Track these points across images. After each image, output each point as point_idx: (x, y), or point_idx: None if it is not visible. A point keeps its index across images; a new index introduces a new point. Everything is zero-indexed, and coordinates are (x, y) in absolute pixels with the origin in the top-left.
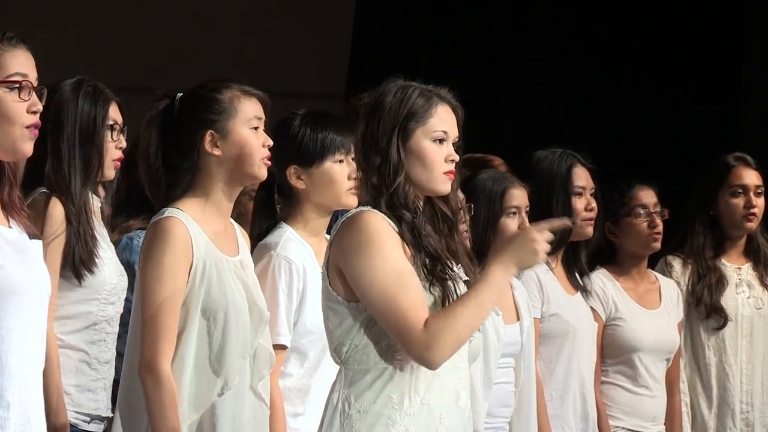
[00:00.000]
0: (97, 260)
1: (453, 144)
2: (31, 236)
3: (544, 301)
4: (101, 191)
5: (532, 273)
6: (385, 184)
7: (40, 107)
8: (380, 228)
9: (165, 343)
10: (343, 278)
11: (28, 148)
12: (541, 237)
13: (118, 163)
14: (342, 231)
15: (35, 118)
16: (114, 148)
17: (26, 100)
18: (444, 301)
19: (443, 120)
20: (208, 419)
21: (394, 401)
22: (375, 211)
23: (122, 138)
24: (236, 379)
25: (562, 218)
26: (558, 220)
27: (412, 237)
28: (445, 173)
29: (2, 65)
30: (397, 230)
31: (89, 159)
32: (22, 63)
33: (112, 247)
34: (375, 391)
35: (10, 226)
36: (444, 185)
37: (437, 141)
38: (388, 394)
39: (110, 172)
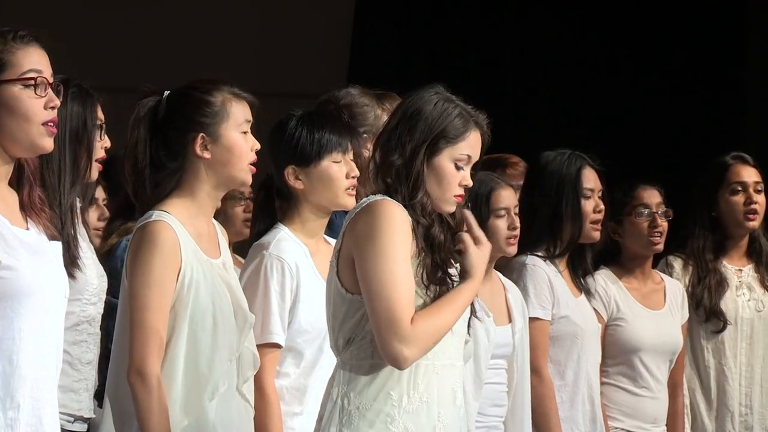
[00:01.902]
0: (79, 263)
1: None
2: (51, 237)
3: (554, 304)
4: (100, 192)
5: (543, 275)
6: (402, 188)
7: (57, 103)
8: (397, 217)
9: (154, 348)
10: (350, 268)
11: (47, 144)
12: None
13: (100, 164)
14: (357, 218)
15: (53, 114)
16: (99, 148)
17: (42, 97)
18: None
19: (471, 145)
20: (198, 423)
21: (393, 399)
22: (391, 200)
23: (106, 137)
24: (226, 383)
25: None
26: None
27: (424, 242)
28: (456, 196)
29: (16, 63)
30: (411, 223)
31: (78, 160)
32: (36, 60)
33: (92, 246)
34: (375, 388)
35: (27, 228)
36: (450, 207)
37: (458, 164)
38: (388, 392)
39: (95, 173)
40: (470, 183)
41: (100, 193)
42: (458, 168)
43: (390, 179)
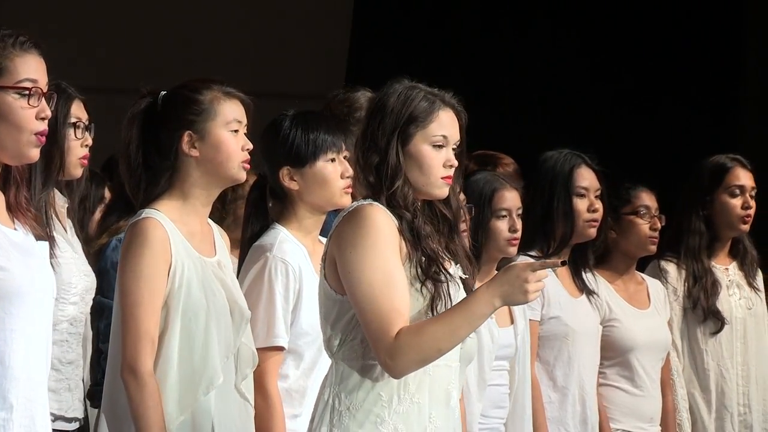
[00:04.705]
0: (53, 263)
1: (454, 149)
2: (38, 238)
3: (544, 304)
4: (107, 192)
5: None
6: (384, 185)
7: (48, 113)
8: (380, 223)
9: (146, 345)
10: (337, 271)
11: (34, 154)
12: (535, 277)
13: (85, 161)
14: (342, 224)
15: (44, 125)
16: (79, 146)
17: (35, 107)
18: (434, 302)
19: (444, 125)
20: (194, 419)
21: (383, 399)
22: (377, 204)
23: (87, 135)
24: (221, 379)
25: (555, 260)
26: (551, 260)
27: (411, 236)
28: (443, 178)
29: (12, 70)
30: (397, 225)
31: (50, 158)
32: (33, 68)
33: (77, 246)
34: (365, 388)
35: (15, 228)
36: (440, 190)
37: (436, 146)
38: (378, 392)
39: (76, 171)
40: (455, 162)
41: (106, 193)
42: (438, 149)
43: (372, 178)
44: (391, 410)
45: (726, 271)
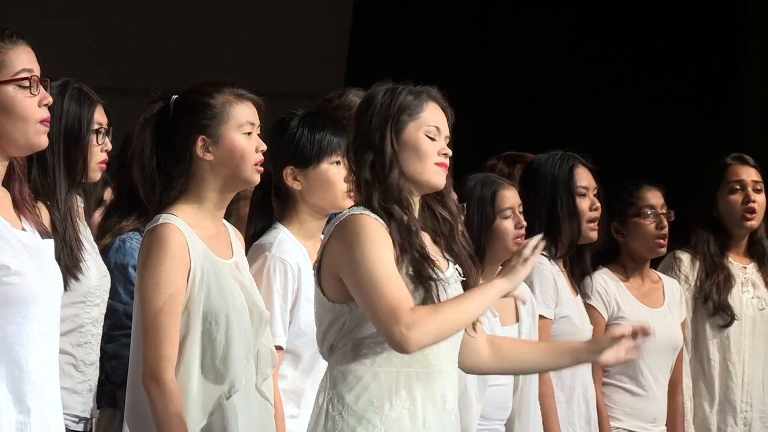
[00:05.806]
0: (82, 266)
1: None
2: (43, 235)
3: (557, 303)
4: (108, 193)
5: (549, 274)
6: (378, 179)
7: (50, 100)
8: (372, 229)
9: (168, 351)
10: (332, 279)
11: (43, 141)
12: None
13: (104, 165)
14: (335, 234)
15: (47, 112)
16: (99, 151)
17: (36, 95)
18: (426, 303)
19: (434, 116)
20: (218, 422)
21: (375, 405)
22: (367, 212)
23: (107, 140)
24: (243, 381)
25: (536, 237)
26: (533, 240)
27: (400, 236)
28: (438, 164)
29: (8, 64)
30: (387, 230)
31: (74, 162)
32: (26, 59)
33: (95, 247)
34: (356, 393)
35: (23, 228)
36: (438, 177)
37: (430, 135)
38: (369, 398)
39: (96, 175)
40: (449, 152)
41: (108, 195)
42: (431, 140)
43: (368, 174)
44: (383, 416)
45: (744, 269)
